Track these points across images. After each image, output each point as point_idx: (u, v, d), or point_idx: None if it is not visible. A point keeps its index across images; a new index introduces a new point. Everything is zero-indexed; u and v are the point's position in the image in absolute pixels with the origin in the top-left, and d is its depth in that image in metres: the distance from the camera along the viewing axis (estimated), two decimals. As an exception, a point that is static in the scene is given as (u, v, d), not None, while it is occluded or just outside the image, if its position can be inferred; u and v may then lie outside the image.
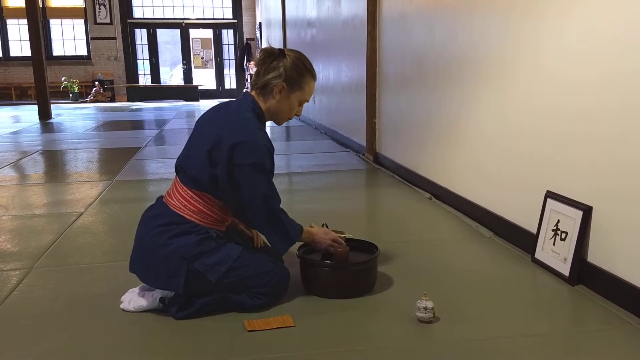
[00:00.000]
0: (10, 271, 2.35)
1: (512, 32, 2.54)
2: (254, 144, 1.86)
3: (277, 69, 1.93)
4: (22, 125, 8.73)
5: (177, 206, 1.91)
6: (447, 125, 3.28)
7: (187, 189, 1.91)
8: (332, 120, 6.51)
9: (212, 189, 1.89)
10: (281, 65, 1.93)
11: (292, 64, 1.94)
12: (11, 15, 14.80)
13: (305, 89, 1.99)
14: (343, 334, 1.75)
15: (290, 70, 1.94)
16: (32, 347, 1.70)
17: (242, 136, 1.85)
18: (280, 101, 1.97)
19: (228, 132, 1.87)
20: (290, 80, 1.94)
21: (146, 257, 1.90)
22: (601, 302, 1.95)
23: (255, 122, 1.92)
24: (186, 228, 1.87)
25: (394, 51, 4.21)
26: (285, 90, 1.95)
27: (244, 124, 1.90)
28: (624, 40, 1.86)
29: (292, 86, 1.95)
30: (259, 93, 1.98)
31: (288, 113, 2.02)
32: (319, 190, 3.87)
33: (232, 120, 1.92)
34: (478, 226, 2.86)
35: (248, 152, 1.84)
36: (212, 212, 1.92)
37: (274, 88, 1.94)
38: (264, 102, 1.98)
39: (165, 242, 1.85)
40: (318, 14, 6.92)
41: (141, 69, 16.00)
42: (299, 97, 1.99)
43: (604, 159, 1.98)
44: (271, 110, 1.99)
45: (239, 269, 1.88)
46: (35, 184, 4.28)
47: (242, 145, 1.84)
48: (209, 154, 1.87)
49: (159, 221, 1.90)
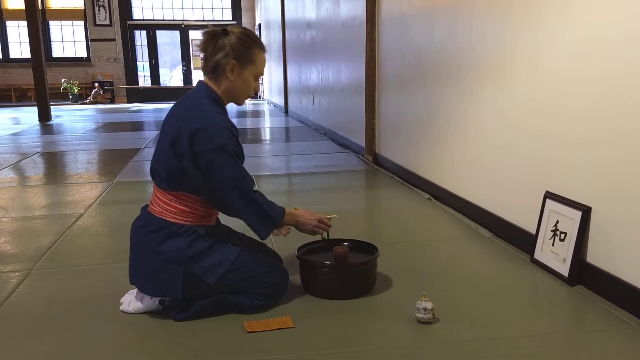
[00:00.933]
0: (9, 273, 2.35)
1: (510, 33, 2.54)
2: (213, 127, 1.81)
3: (223, 48, 1.86)
4: (22, 126, 8.73)
5: (159, 212, 1.89)
6: (447, 125, 3.29)
7: (164, 192, 1.90)
8: (332, 121, 6.51)
9: (186, 186, 1.86)
10: (226, 44, 1.86)
11: (238, 39, 1.87)
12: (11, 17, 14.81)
13: (257, 62, 1.92)
14: (343, 335, 1.75)
15: (237, 47, 1.87)
16: (32, 349, 1.70)
17: (200, 122, 1.81)
18: (235, 80, 1.90)
19: (185, 122, 1.83)
20: (239, 57, 1.88)
21: (141, 268, 1.90)
22: (600, 303, 1.95)
23: (212, 106, 1.87)
24: (172, 231, 1.85)
25: (393, 52, 4.21)
26: (237, 67, 1.88)
27: (200, 110, 1.85)
28: (624, 40, 1.86)
29: (242, 62, 1.89)
30: (211, 77, 1.92)
31: (246, 90, 1.95)
32: (319, 191, 3.87)
33: (189, 109, 1.88)
34: (477, 227, 2.86)
35: (208, 137, 1.79)
36: (194, 210, 1.90)
37: (225, 68, 1.88)
38: (218, 85, 1.92)
39: (155, 249, 1.84)
40: (317, 15, 6.93)
41: (141, 70, 16.00)
42: (253, 71, 1.92)
43: (603, 159, 1.98)
44: (228, 91, 1.92)
45: (237, 270, 1.87)
46: (35, 185, 4.29)
47: (201, 132, 1.80)
48: (172, 149, 1.84)
49: (146, 230, 1.89)
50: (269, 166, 4.91)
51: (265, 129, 8.16)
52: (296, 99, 9.17)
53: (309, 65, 7.71)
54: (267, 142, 6.70)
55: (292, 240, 2.15)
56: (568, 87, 2.15)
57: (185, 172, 1.83)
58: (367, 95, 4.78)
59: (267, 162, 5.16)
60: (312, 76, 7.55)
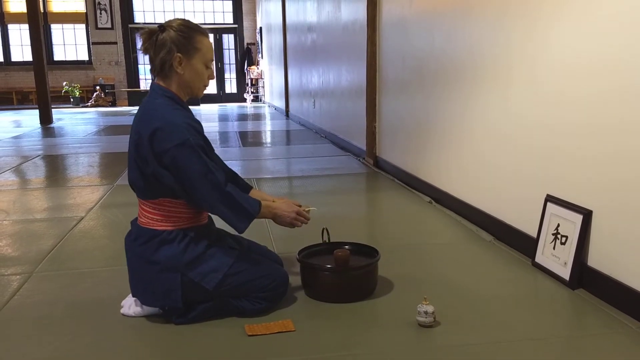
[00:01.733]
0: (10, 276, 2.36)
1: (510, 38, 2.54)
2: (170, 125, 1.78)
3: (165, 44, 1.83)
4: (23, 129, 8.74)
5: (146, 222, 1.89)
6: (447, 129, 3.29)
7: (146, 202, 1.88)
8: (333, 124, 6.51)
9: (164, 191, 1.84)
10: (166, 39, 1.83)
11: (177, 31, 1.83)
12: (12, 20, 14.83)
13: (202, 49, 1.87)
14: (344, 338, 1.75)
15: (178, 39, 1.83)
16: (33, 352, 1.70)
17: (156, 123, 1.79)
18: (185, 72, 1.86)
19: (143, 125, 1.81)
20: (183, 48, 1.84)
21: (140, 280, 1.89)
22: (601, 306, 1.95)
23: (167, 104, 1.85)
24: (163, 238, 1.84)
25: (394, 55, 4.22)
26: (184, 59, 1.85)
27: (154, 111, 1.83)
28: (623, 46, 1.86)
29: (187, 53, 1.85)
30: (162, 76, 1.88)
31: (199, 80, 1.91)
32: (320, 194, 3.87)
33: (144, 113, 1.86)
34: (478, 230, 2.86)
35: (166, 135, 1.76)
36: (179, 213, 1.88)
37: (172, 63, 1.84)
38: (169, 82, 1.88)
39: (150, 259, 1.84)
40: (318, 18, 6.94)
41: (142, 73, 16.01)
42: (201, 59, 1.88)
43: (604, 163, 1.98)
44: (181, 85, 1.88)
45: (236, 275, 1.87)
46: (36, 188, 4.29)
47: (158, 131, 1.77)
48: (137, 155, 1.82)
49: (138, 242, 1.88)
50: (270, 169, 4.91)
51: (266, 132, 8.16)
52: (297, 102, 9.18)
53: (310, 69, 7.71)
54: (268, 145, 6.70)
55: (293, 243, 2.15)
56: (569, 90, 2.15)
57: (156, 176, 1.81)
58: (367, 98, 4.79)
59: (268, 165, 5.16)
60: (313, 79, 7.55)
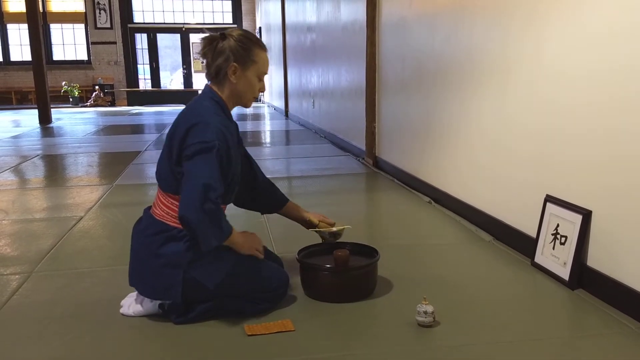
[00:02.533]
0: (10, 275, 2.35)
1: (511, 37, 2.54)
2: (205, 124, 1.81)
3: (223, 52, 1.88)
4: (23, 129, 8.74)
5: (160, 215, 1.90)
6: (447, 129, 3.29)
7: (167, 195, 1.90)
8: (332, 125, 6.52)
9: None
10: (226, 47, 1.88)
11: (237, 41, 1.88)
12: (12, 20, 14.83)
13: (259, 62, 1.93)
14: (343, 338, 1.74)
15: (237, 49, 1.88)
16: (32, 352, 1.70)
17: (195, 120, 1.82)
18: (238, 82, 1.91)
19: (183, 120, 1.85)
20: (240, 58, 1.89)
21: (141, 271, 1.89)
22: (601, 307, 1.95)
23: (212, 107, 1.89)
24: (172, 234, 1.85)
25: (394, 56, 4.22)
26: (239, 69, 1.90)
27: (199, 110, 1.87)
28: (627, 42, 1.86)
29: (244, 63, 1.90)
30: (215, 82, 1.94)
31: (251, 92, 1.96)
32: (319, 194, 3.87)
33: (189, 110, 1.91)
34: (478, 230, 2.86)
35: (199, 131, 1.80)
36: None
37: (227, 71, 1.89)
38: (222, 89, 1.93)
39: (156, 252, 1.84)
40: (318, 19, 6.94)
41: (141, 73, 16.02)
42: (256, 71, 1.93)
43: (603, 163, 1.98)
44: (232, 94, 1.94)
45: (237, 275, 1.87)
46: (35, 188, 4.29)
47: (194, 127, 1.80)
48: (169, 146, 1.86)
49: (147, 232, 1.89)
50: (270, 169, 4.91)
51: (266, 132, 8.16)
52: (296, 102, 9.18)
53: (310, 69, 7.71)
54: (268, 145, 6.70)
55: (293, 243, 2.15)
56: (568, 92, 2.15)
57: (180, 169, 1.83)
58: (367, 98, 4.79)
59: (268, 165, 5.16)
60: (312, 79, 7.56)
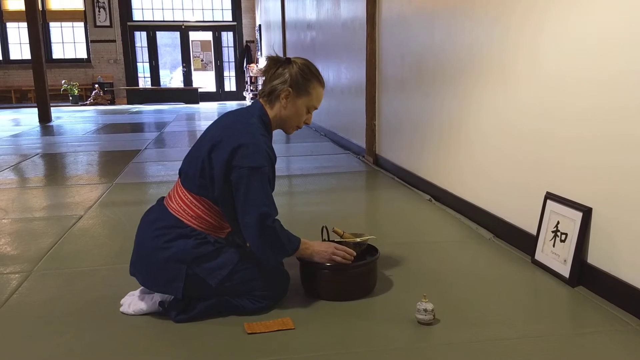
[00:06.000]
0: (10, 274, 2.35)
1: (510, 35, 2.54)
2: (256, 147, 1.84)
3: (283, 75, 1.94)
4: (22, 128, 8.73)
5: (176, 209, 1.91)
6: (447, 127, 3.28)
7: (187, 192, 1.91)
8: (332, 122, 6.51)
9: (210, 194, 1.88)
10: (287, 72, 1.94)
11: (299, 69, 1.94)
12: (11, 19, 14.81)
13: (313, 94, 1.99)
14: (343, 336, 1.74)
15: (296, 76, 1.94)
16: (32, 351, 1.70)
17: (244, 139, 1.84)
18: (287, 107, 1.96)
19: (230, 135, 1.86)
20: (296, 86, 1.94)
21: (145, 261, 1.90)
22: (601, 304, 1.95)
23: (259, 127, 1.91)
24: (184, 232, 1.86)
25: (394, 53, 4.21)
26: (292, 95, 1.95)
27: (247, 127, 1.89)
28: (625, 41, 1.86)
29: (298, 91, 1.95)
30: (266, 100, 1.98)
31: (296, 120, 2.01)
32: (319, 193, 3.87)
33: (236, 123, 1.92)
34: (478, 228, 2.86)
35: (249, 154, 1.82)
36: (210, 219, 1.91)
37: (280, 94, 1.94)
38: (271, 109, 1.98)
39: (163, 245, 1.85)
40: (317, 16, 6.93)
41: (141, 71, 16.01)
42: (306, 102, 1.99)
43: (603, 160, 1.98)
44: (279, 117, 1.99)
45: (239, 273, 1.87)
46: (35, 186, 4.28)
47: (243, 148, 1.82)
48: (209, 155, 1.86)
49: (158, 224, 1.90)
50: (269, 167, 4.90)
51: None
52: (296, 100, 9.17)
53: (309, 66, 7.70)
54: (268, 143, 6.69)
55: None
56: (568, 88, 2.15)
57: (214, 181, 1.85)
58: (367, 96, 4.78)
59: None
60: (312, 77, 7.54)
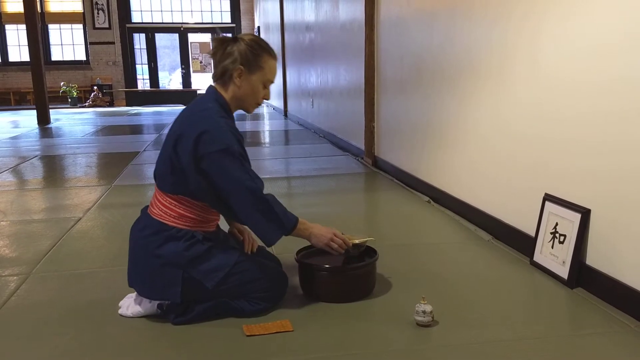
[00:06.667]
0: (8, 276, 2.35)
1: (509, 36, 2.54)
2: (217, 130, 1.81)
3: (232, 54, 1.88)
4: (21, 130, 8.73)
5: (158, 214, 1.89)
6: (446, 128, 3.29)
7: (164, 195, 1.89)
8: (331, 124, 6.51)
9: (186, 190, 1.86)
10: (235, 50, 1.88)
11: (247, 45, 1.88)
12: (10, 21, 14.81)
13: (266, 68, 1.92)
14: (342, 338, 1.74)
15: (245, 53, 1.87)
16: (30, 353, 1.70)
17: (204, 125, 1.81)
18: (242, 86, 1.90)
19: (189, 125, 1.84)
20: (247, 63, 1.88)
21: (140, 271, 1.89)
22: (600, 305, 1.95)
23: (217, 110, 1.88)
24: (170, 234, 1.85)
25: (392, 55, 4.22)
26: (245, 73, 1.89)
27: (204, 114, 1.86)
28: (624, 44, 1.86)
29: (250, 68, 1.89)
30: (220, 83, 1.93)
31: (254, 98, 1.95)
32: (318, 194, 3.87)
33: (194, 113, 1.89)
34: (477, 229, 2.86)
35: (212, 139, 1.79)
36: (193, 214, 1.89)
37: (232, 73, 1.88)
38: (226, 91, 1.92)
39: (154, 252, 1.84)
40: (316, 17, 6.94)
41: (140, 73, 16.01)
42: (261, 78, 1.92)
43: (602, 161, 1.98)
44: (235, 97, 1.93)
45: (236, 275, 1.87)
46: (33, 189, 4.28)
47: (205, 134, 1.80)
48: (175, 150, 1.84)
49: (145, 232, 1.88)
50: (268, 169, 4.91)
51: (265, 132, 8.16)
52: (295, 101, 9.18)
53: (308, 68, 7.71)
54: (267, 145, 6.70)
55: (291, 243, 2.14)
56: (567, 90, 2.15)
57: (186, 175, 1.83)
58: (366, 97, 4.79)
59: (267, 165, 5.16)
60: (311, 79, 7.55)
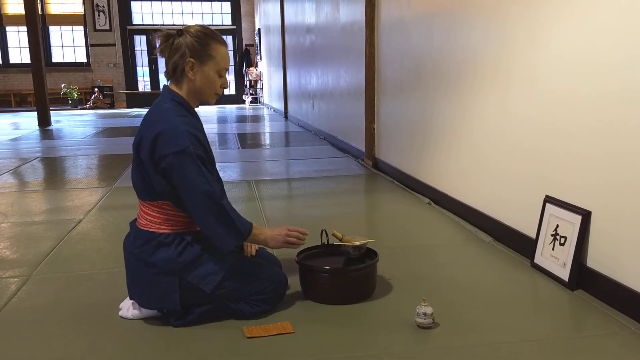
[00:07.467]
0: (9, 278, 2.35)
1: (509, 40, 2.54)
2: (173, 130, 1.77)
3: (179, 48, 1.83)
4: (22, 132, 8.73)
5: (145, 224, 1.88)
6: (446, 130, 3.29)
7: (145, 203, 1.89)
8: (331, 126, 6.51)
9: (162, 194, 1.83)
10: (182, 43, 1.83)
11: (193, 37, 1.83)
12: (11, 23, 14.83)
13: (217, 57, 1.86)
14: (342, 340, 1.74)
15: (193, 44, 1.82)
16: (30, 355, 1.70)
17: (159, 127, 1.78)
18: (196, 78, 1.86)
19: (147, 128, 1.82)
20: (197, 54, 1.83)
21: (137, 282, 1.88)
22: (600, 307, 1.95)
23: (174, 109, 1.84)
24: (160, 241, 1.84)
25: (393, 57, 4.22)
26: (196, 65, 1.84)
27: (160, 115, 1.83)
28: (622, 51, 1.86)
29: (201, 59, 1.84)
30: (173, 80, 1.89)
31: (212, 88, 1.90)
32: (318, 196, 3.87)
33: (151, 115, 1.86)
34: (477, 231, 2.86)
35: (168, 140, 1.76)
36: (178, 217, 1.87)
37: (184, 68, 1.84)
38: (180, 87, 1.88)
39: (147, 261, 1.83)
40: (317, 19, 6.94)
41: (140, 75, 16.01)
42: (214, 67, 1.87)
43: (603, 164, 1.98)
44: (192, 91, 1.88)
45: (234, 277, 1.86)
46: (34, 190, 4.28)
47: (161, 136, 1.76)
48: (139, 157, 1.83)
49: (136, 243, 1.88)
50: (269, 171, 4.91)
51: (265, 134, 8.16)
52: (296, 103, 9.18)
53: (309, 70, 7.71)
54: (267, 147, 6.70)
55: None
56: (567, 91, 2.15)
57: (151, 178, 1.82)
58: (366, 99, 4.79)
59: (267, 166, 5.16)
60: (311, 81, 7.56)
